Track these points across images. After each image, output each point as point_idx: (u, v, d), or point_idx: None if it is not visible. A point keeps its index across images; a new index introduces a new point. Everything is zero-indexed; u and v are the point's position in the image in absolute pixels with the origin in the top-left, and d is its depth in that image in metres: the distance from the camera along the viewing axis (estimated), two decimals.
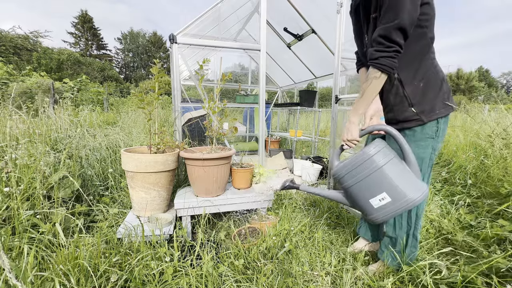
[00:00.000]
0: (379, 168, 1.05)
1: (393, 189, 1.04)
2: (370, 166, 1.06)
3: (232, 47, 2.14)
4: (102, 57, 34.49)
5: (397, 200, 1.03)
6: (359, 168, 1.08)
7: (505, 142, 2.37)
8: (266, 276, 1.21)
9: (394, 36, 0.97)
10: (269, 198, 1.86)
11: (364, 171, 1.07)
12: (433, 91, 1.07)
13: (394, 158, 1.07)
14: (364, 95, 1.08)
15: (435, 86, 1.07)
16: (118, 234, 1.44)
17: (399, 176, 1.04)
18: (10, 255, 1.11)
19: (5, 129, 2.08)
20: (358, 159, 1.09)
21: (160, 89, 1.73)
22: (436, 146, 1.12)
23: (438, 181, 2.39)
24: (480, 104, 5.46)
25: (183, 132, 2.28)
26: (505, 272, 1.15)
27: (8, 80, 7.89)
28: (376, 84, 1.05)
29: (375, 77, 1.04)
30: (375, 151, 1.06)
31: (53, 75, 16.12)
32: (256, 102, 3.16)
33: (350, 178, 1.11)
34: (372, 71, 1.04)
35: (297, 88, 4.80)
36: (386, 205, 1.06)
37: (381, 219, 1.09)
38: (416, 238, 1.22)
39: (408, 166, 1.06)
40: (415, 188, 1.03)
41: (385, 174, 1.05)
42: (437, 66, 1.08)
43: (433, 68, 1.07)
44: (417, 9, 0.95)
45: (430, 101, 1.07)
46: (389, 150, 1.09)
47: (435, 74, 1.07)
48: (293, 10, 3.15)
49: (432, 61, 1.07)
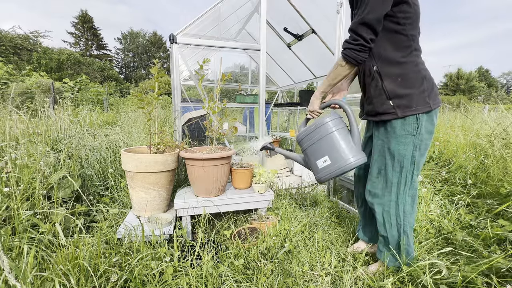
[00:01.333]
0: (328, 134, 1.22)
1: (334, 153, 1.20)
2: (322, 131, 1.23)
3: (232, 47, 2.14)
4: (102, 57, 34.49)
5: (335, 162, 1.20)
6: (314, 132, 1.25)
7: (505, 142, 2.37)
8: (266, 276, 1.21)
9: (359, 30, 1.04)
10: (269, 198, 1.86)
11: (316, 135, 1.24)
12: (412, 87, 1.08)
13: (341, 129, 1.23)
14: (328, 77, 1.21)
15: (415, 82, 1.08)
16: (118, 234, 1.44)
17: (341, 143, 1.20)
18: (10, 255, 1.11)
19: (5, 129, 2.08)
20: (315, 125, 1.25)
21: (160, 89, 1.72)
22: (419, 143, 1.11)
23: (438, 181, 2.39)
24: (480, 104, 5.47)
25: (183, 132, 2.28)
26: (505, 272, 1.15)
27: (8, 80, 7.90)
28: (339, 71, 1.16)
29: (340, 65, 1.14)
30: (329, 120, 1.23)
31: (53, 75, 16.12)
32: (256, 102, 3.16)
33: (306, 141, 1.29)
34: (339, 59, 1.15)
35: (297, 88, 4.79)
36: (327, 166, 1.22)
37: (323, 178, 1.25)
38: (407, 235, 1.21)
39: (352, 137, 1.22)
40: (352, 155, 1.19)
41: (331, 140, 1.21)
42: (418, 64, 1.09)
43: (413, 65, 1.08)
44: (386, 7, 1.01)
45: (408, 97, 1.08)
46: (340, 122, 1.25)
47: (415, 71, 1.08)
48: (293, 10, 3.15)
49: (414, 58, 1.09)
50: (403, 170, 1.16)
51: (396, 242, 1.23)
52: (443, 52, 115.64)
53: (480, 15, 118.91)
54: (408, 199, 1.19)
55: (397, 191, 1.19)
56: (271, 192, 1.89)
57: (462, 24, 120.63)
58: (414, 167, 1.15)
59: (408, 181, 1.17)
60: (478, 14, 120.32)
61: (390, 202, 1.21)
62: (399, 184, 1.18)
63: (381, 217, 1.25)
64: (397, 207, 1.20)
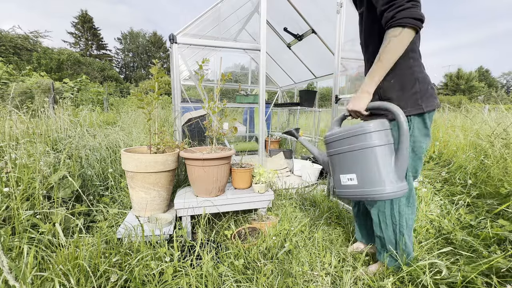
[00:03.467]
0: (366, 147, 0.99)
1: (366, 173, 1.00)
2: (359, 141, 1.01)
3: (232, 47, 2.14)
4: (102, 57, 34.48)
5: (363, 186, 1.01)
6: (349, 139, 1.04)
7: (505, 142, 2.37)
8: (266, 276, 1.21)
9: None
10: (269, 198, 1.86)
11: (351, 144, 1.03)
12: (404, 89, 1.05)
13: (386, 146, 1.00)
14: (381, 60, 0.99)
15: (407, 85, 1.05)
16: (118, 234, 1.44)
17: (380, 164, 0.98)
18: (10, 255, 1.11)
19: (5, 129, 2.08)
20: (353, 130, 1.03)
21: (159, 89, 1.72)
22: (412, 145, 1.10)
23: (438, 181, 2.39)
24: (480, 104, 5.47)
25: (183, 132, 2.28)
26: (505, 272, 1.15)
27: (8, 80, 7.89)
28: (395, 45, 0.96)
29: (393, 36, 0.95)
30: (373, 129, 0.99)
31: (53, 75, 16.12)
32: (256, 102, 3.16)
33: (336, 147, 1.09)
34: (390, 30, 0.96)
35: (297, 88, 4.79)
36: (352, 185, 1.04)
37: (343, 196, 1.10)
38: (403, 235, 1.19)
39: (396, 159, 1.00)
40: (385, 184, 0.97)
41: (368, 156, 0.99)
42: (413, 67, 1.05)
43: (407, 68, 1.05)
44: None
45: (399, 99, 1.06)
46: (387, 135, 1.02)
47: (409, 74, 1.05)
48: (293, 10, 3.15)
49: (409, 61, 1.05)
50: None
51: (393, 242, 1.23)
52: (443, 52, 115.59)
53: (481, 15, 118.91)
54: (402, 200, 1.16)
55: None
56: (271, 192, 1.89)
57: (463, 23, 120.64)
58: (407, 169, 1.12)
59: None
60: (478, 14, 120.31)
61: (385, 203, 1.19)
62: None
63: (376, 217, 1.24)
64: (392, 207, 1.18)
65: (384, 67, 1.00)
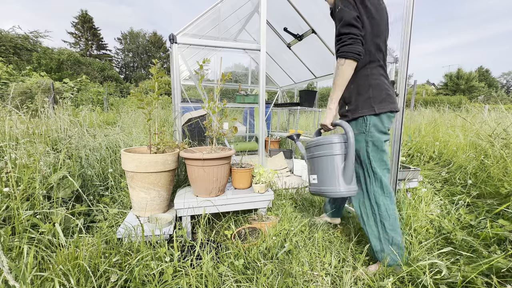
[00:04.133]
0: (329, 155, 1.26)
1: (320, 175, 1.29)
2: (326, 149, 1.27)
3: (232, 47, 2.14)
4: (102, 57, 34.47)
5: (321, 185, 1.29)
6: (318, 147, 1.30)
7: (505, 142, 2.37)
8: (266, 276, 1.21)
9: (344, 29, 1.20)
10: (269, 198, 1.86)
11: (320, 150, 1.30)
12: (360, 94, 1.26)
13: (342, 155, 1.26)
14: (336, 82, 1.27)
15: (363, 91, 1.26)
16: (118, 234, 1.44)
17: (335, 169, 1.25)
18: (10, 255, 1.11)
19: (5, 129, 2.08)
20: (322, 140, 1.30)
21: (159, 89, 1.72)
22: (371, 140, 1.26)
23: (438, 181, 2.39)
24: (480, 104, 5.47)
25: (183, 132, 2.28)
26: (505, 272, 1.15)
27: (8, 80, 7.90)
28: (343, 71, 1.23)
29: (340, 64, 1.23)
30: (337, 141, 1.26)
31: (53, 75, 16.10)
32: (256, 102, 3.16)
33: (310, 152, 1.35)
34: (338, 60, 1.23)
35: (297, 88, 4.79)
36: (314, 184, 1.32)
37: (312, 192, 1.36)
38: (384, 225, 1.26)
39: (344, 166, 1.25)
40: (334, 183, 1.25)
41: (326, 162, 1.26)
42: (369, 76, 1.25)
43: (364, 77, 1.26)
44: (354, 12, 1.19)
45: (356, 102, 1.27)
46: (342, 148, 1.27)
47: (365, 82, 1.26)
48: (293, 10, 3.15)
49: (367, 71, 1.26)
50: (363, 164, 1.30)
51: (376, 235, 1.29)
52: (443, 52, 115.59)
53: (481, 15, 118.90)
54: (377, 190, 1.27)
55: (365, 183, 1.31)
56: (271, 192, 1.89)
57: (463, 24, 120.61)
58: (371, 161, 1.27)
59: (371, 174, 1.28)
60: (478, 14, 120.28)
61: (363, 194, 1.32)
62: (364, 176, 1.31)
63: (358, 210, 1.36)
64: (369, 198, 1.30)
65: (339, 87, 1.26)
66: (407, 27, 1.53)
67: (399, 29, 1.57)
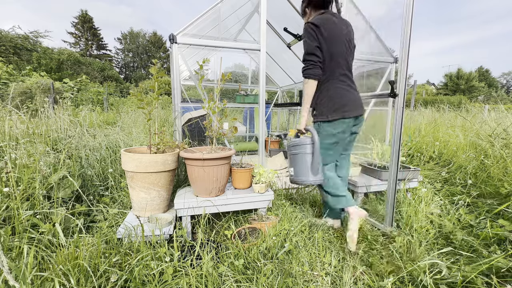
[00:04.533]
0: (302, 153, 1.60)
1: (296, 168, 1.64)
2: (300, 149, 1.60)
3: (232, 47, 2.14)
4: (102, 57, 34.46)
5: (296, 176, 1.64)
6: (296, 146, 1.62)
7: (505, 142, 2.37)
8: (266, 276, 1.21)
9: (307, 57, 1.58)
10: (269, 198, 1.86)
11: (296, 150, 1.63)
12: (320, 104, 1.61)
13: (311, 154, 1.58)
14: (305, 95, 1.61)
15: (322, 101, 1.60)
16: (118, 234, 1.44)
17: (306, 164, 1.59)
18: (10, 255, 1.11)
19: (5, 129, 2.08)
20: (298, 141, 1.62)
21: (159, 89, 1.72)
22: (322, 139, 1.60)
23: (438, 181, 2.39)
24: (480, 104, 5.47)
25: (183, 132, 2.28)
26: (505, 272, 1.15)
27: (8, 80, 7.90)
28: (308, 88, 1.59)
29: (305, 83, 1.61)
30: (309, 142, 1.58)
31: (53, 75, 16.09)
32: (256, 102, 3.16)
33: (290, 150, 1.68)
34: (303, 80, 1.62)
35: (297, 88, 4.79)
36: (291, 175, 1.67)
37: (290, 180, 1.70)
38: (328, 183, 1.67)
39: (312, 162, 1.58)
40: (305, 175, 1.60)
41: (300, 158, 1.61)
42: (330, 89, 1.57)
43: (325, 90, 1.59)
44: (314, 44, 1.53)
45: (318, 109, 1.63)
46: (311, 148, 1.58)
47: (325, 93, 1.59)
48: (293, 10, 3.15)
49: (326, 84, 1.58)
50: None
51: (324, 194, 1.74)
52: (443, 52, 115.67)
53: (481, 16, 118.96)
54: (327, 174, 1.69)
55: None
56: (271, 192, 1.89)
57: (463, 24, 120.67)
58: (323, 152, 1.63)
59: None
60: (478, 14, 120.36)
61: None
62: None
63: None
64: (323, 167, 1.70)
65: (307, 98, 1.60)
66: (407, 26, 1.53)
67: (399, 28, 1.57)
